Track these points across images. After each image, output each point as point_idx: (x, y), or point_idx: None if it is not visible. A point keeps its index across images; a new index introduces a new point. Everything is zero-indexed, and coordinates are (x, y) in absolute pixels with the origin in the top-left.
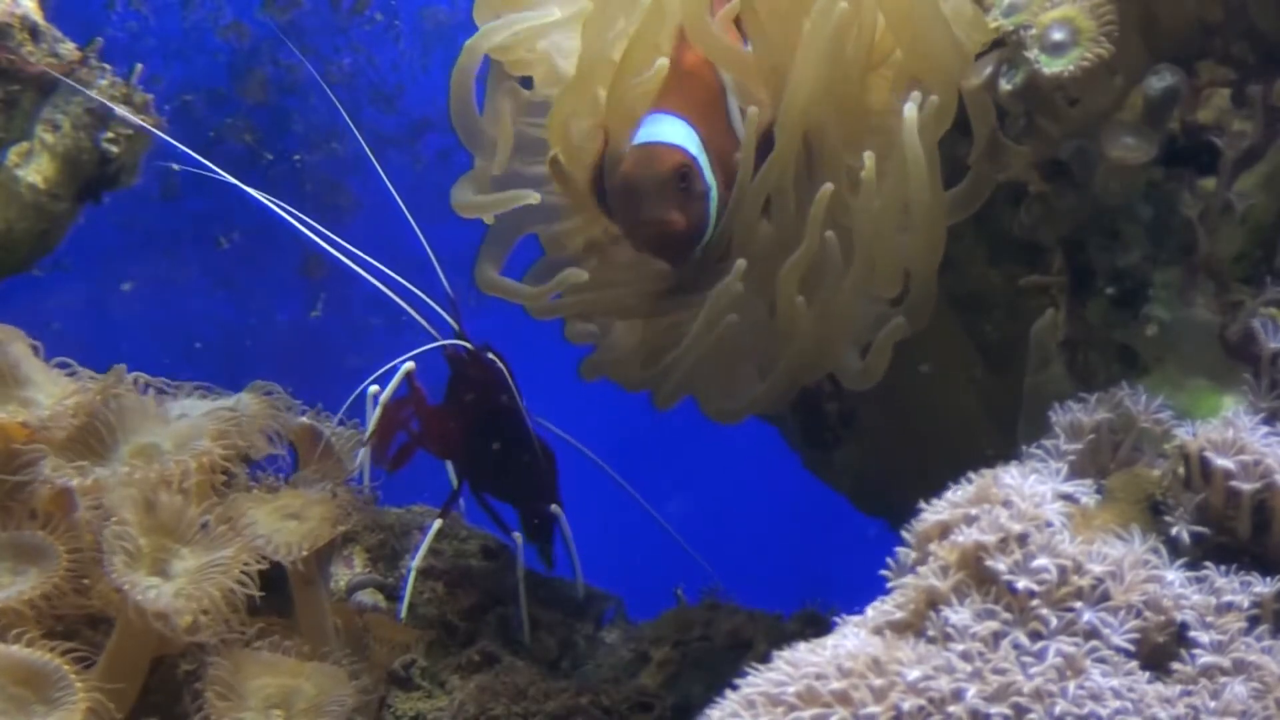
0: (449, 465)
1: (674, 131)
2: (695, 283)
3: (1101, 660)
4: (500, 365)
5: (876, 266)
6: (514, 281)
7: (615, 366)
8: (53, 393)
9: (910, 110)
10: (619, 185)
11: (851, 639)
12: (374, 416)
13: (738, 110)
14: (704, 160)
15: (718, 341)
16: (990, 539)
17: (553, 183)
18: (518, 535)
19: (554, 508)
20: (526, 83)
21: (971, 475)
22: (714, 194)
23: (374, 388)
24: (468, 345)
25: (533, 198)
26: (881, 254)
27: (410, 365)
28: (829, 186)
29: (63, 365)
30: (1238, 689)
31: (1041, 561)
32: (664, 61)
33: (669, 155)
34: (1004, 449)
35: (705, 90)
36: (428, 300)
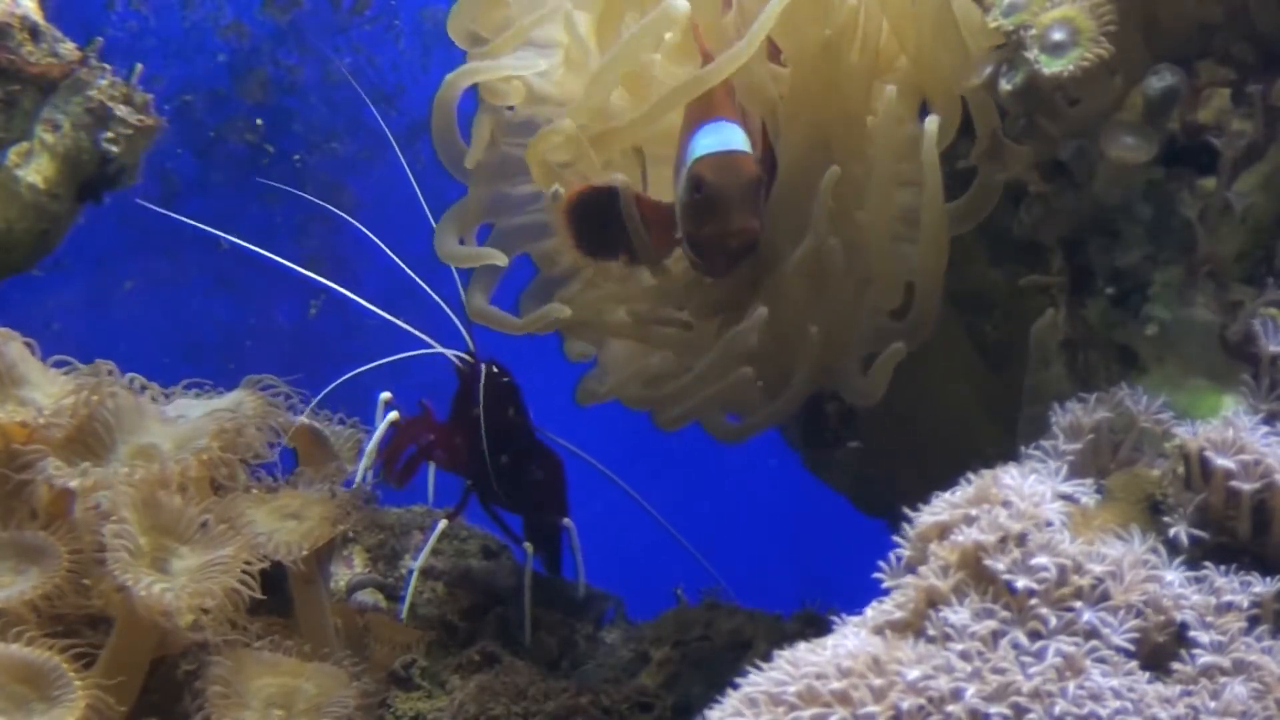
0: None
1: (739, 138)
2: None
3: (1101, 660)
4: (506, 379)
5: (874, 276)
6: (503, 312)
7: (615, 386)
8: (50, 392)
9: (930, 126)
10: (701, 195)
11: (851, 639)
12: (381, 424)
13: None
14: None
15: (727, 387)
16: (990, 539)
17: (540, 201)
18: (528, 545)
19: (565, 521)
20: None
21: (971, 475)
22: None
23: (386, 394)
24: (471, 359)
25: (500, 259)
26: (878, 264)
27: (394, 415)
28: (835, 170)
29: (61, 364)
30: (1238, 689)
31: (1041, 561)
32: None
33: (747, 162)
34: (1004, 449)
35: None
36: (443, 305)
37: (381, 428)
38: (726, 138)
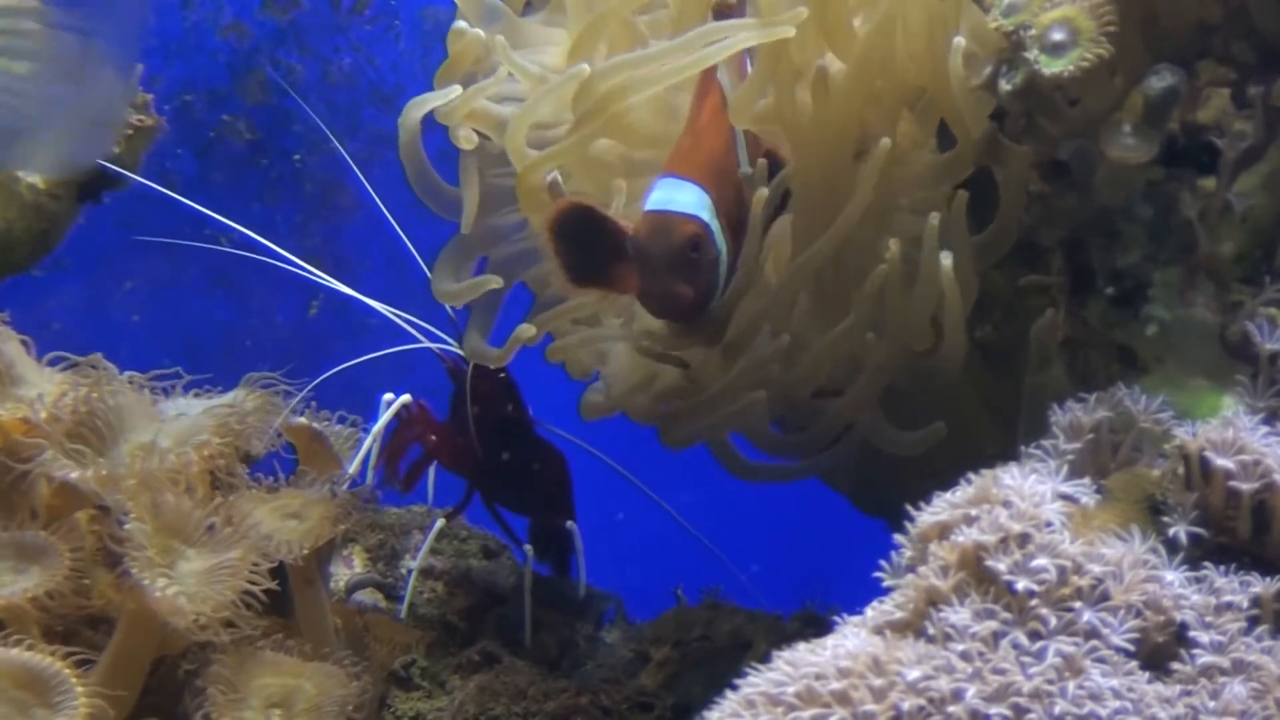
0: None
1: (687, 199)
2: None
3: (1101, 660)
4: (502, 375)
5: (900, 325)
6: (497, 350)
7: (621, 399)
8: (48, 390)
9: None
10: (632, 251)
11: (851, 639)
12: (381, 420)
13: (746, 158)
14: (716, 225)
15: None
16: (990, 539)
17: (529, 228)
18: (529, 548)
19: (569, 524)
20: None
21: (971, 475)
22: (724, 258)
23: (389, 395)
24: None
25: (497, 283)
26: (910, 307)
27: (403, 399)
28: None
29: (58, 360)
30: (1237, 689)
31: (1041, 561)
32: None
33: (681, 226)
34: (1004, 449)
35: (718, 144)
36: (434, 330)
37: (385, 417)
38: (671, 196)
